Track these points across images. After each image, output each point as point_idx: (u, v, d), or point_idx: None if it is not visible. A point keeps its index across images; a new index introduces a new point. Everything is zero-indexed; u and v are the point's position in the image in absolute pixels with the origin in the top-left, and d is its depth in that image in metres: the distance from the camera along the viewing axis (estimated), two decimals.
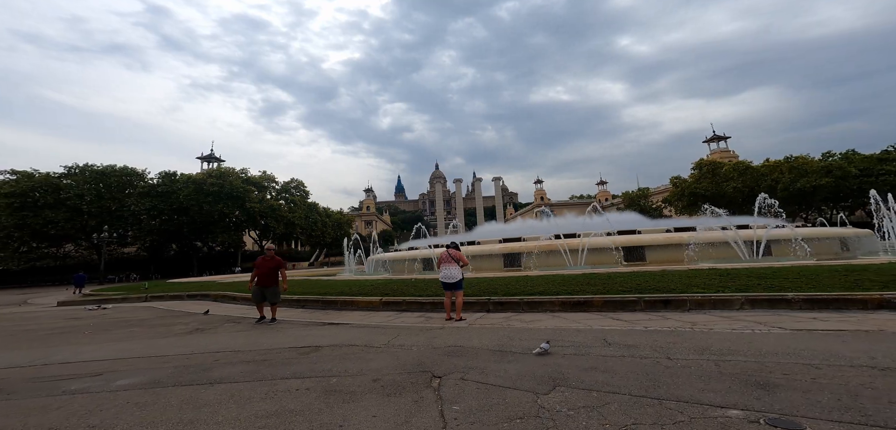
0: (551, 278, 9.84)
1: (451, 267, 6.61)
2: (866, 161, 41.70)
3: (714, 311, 6.40)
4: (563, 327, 5.62)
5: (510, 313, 7.12)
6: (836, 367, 3.22)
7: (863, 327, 4.72)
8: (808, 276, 7.33)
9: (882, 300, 5.70)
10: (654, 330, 5.04)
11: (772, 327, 4.97)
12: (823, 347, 3.83)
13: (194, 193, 34.74)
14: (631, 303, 6.97)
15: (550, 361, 3.80)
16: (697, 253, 14.51)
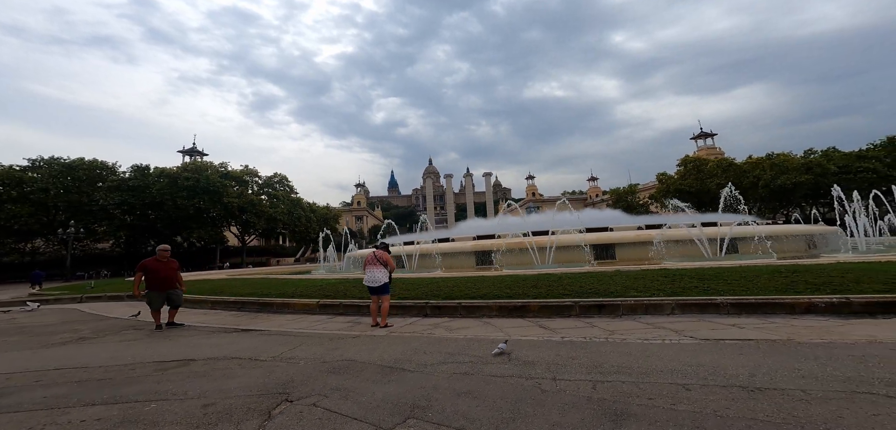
0: (504, 279, 9.54)
1: (376, 270, 6.25)
2: (845, 159, 42.29)
3: (645, 316, 6.18)
4: (481, 337, 5.30)
5: (444, 319, 6.81)
6: (709, 387, 2.95)
7: (775, 335, 4.50)
8: (749, 277, 7.13)
9: (810, 304, 5.51)
10: (567, 342, 4.75)
11: (685, 335, 4.72)
12: (713, 361, 3.57)
13: (168, 187, 33.78)
14: (566, 308, 6.72)
15: (430, 382, 3.47)
16: (664, 250, 14.38)
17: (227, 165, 45.02)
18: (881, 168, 39.60)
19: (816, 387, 2.86)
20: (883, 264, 7.54)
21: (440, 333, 5.64)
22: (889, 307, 5.19)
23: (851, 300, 5.33)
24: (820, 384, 2.93)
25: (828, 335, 4.39)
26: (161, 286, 6.96)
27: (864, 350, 3.74)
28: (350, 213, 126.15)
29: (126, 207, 33.21)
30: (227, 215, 38.20)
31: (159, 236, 35.60)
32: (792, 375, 3.14)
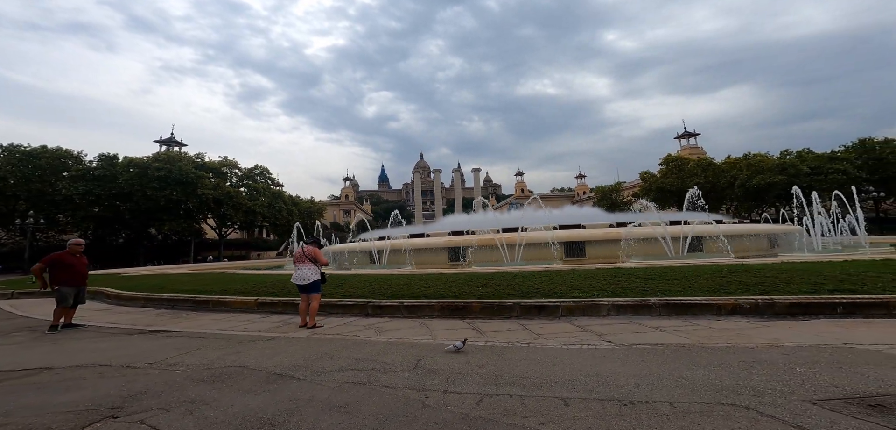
0: (456, 278, 9.35)
1: (305, 267, 5.95)
2: (818, 160, 43.53)
3: (581, 318, 6.07)
4: (406, 340, 5.06)
5: (383, 319, 6.57)
6: (588, 401, 2.78)
7: (688, 339, 4.40)
8: (690, 277, 7.10)
9: (736, 305, 5.47)
10: (488, 347, 4.56)
11: (605, 339, 4.59)
12: (612, 370, 3.42)
13: (137, 177, 32.42)
14: (508, 309, 6.56)
15: (308, 393, 3.20)
16: (630, 248, 14.45)
17: (203, 156, 43.60)
18: (851, 169, 40.94)
19: (686, 399, 2.73)
20: (822, 265, 7.62)
21: (367, 335, 5.39)
22: (809, 309, 5.19)
23: (775, 302, 5.31)
24: (692, 394, 2.80)
25: (736, 339, 4.32)
26: (74, 282, 6.52)
27: (757, 355, 3.66)
28: (338, 206, 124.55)
29: (91, 197, 31.79)
30: (201, 208, 37.02)
31: (128, 227, 34.34)
32: (673, 385, 3.00)
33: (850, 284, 5.63)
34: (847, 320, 5.01)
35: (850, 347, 3.90)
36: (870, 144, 43.47)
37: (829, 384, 2.91)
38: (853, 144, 45.17)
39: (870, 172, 42.75)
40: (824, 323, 4.91)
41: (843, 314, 5.09)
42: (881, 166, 41.77)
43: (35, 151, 31.75)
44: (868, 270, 6.49)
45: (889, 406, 2.53)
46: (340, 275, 10.96)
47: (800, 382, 2.98)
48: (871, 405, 2.56)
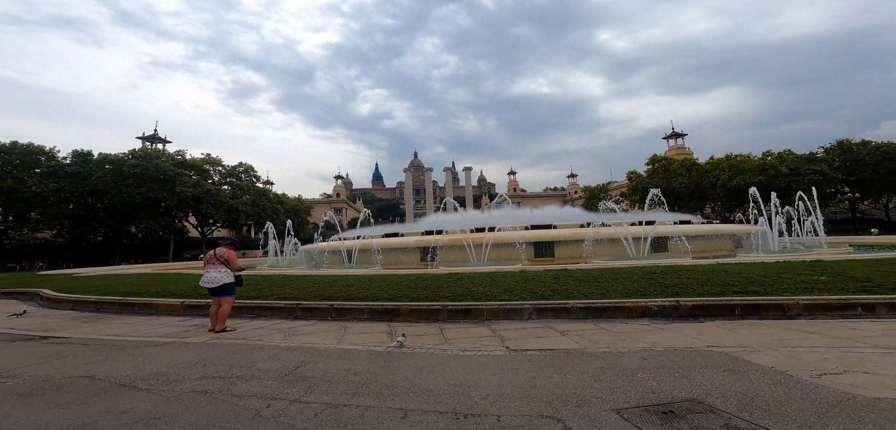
0: (397, 279, 9.25)
1: (214, 270, 5.79)
2: (797, 161, 44.26)
3: (503, 321, 6.01)
4: (309, 345, 4.88)
5: (310, 322, 6.42)
6: (428, 413, 2.70)
7: (578, 344, 4.36)
8: (620, 279, 7.11)
9: (646, 308, 5.47)
10: (384, 353, 4.48)
11: (505, 346, 4.53)
12: (480, 379, 3.34)
13: (112, 175, 31.75)
14: (435, 312, 6.47)
15: (125, 406, 2.93)
16: (593, 249, 14.50)
17: (184, 154, 42.93)
18: (828, 170, 41.71)
19: (517, 411, 2.66)
20: (757, 266, 7.70)
21: (273, 339, 5.26)
22: (710, 310, 5.20)
23: (680, 304, 5.32)
24: (526, 406, 2.74)
25: (620, 343, 4.30)
26: None
27: (618, 361, 3.64)
28: (329, 205, 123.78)
29: (64, 194, 31.06)
30: (181, 205, 36.42)
31: (104, 225, 33.66)
32: (519, 396, 2.93)
33: (758, 285, 5.66)
34: (739, 321, 5.04)
35: (710, 350, 3.90)
36: (847, 145, 44.31)
37: (648, 392, 2.89)
38: (831, 146, 46.02)
39: (847, 173, 43.64)
40: (715, 325, 4.93)
41: (741, 316, 5.12)
42: (858, 168, 42.62)
43: (5, 147, 30.87)
44: (788, 272, 6.54)
45: (678, 413, 2.52)
46: (289, 275, 10.81)
47: (626, 389, 2.95)
48: (664, 412, 2.54)
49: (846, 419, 2.34)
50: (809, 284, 5.65)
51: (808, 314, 5.00)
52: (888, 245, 16.01)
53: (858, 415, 2.39)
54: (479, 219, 20.99)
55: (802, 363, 3.38)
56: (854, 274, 5.94)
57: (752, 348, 3.86)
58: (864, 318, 4.84)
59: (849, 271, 6.19)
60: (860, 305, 4.86)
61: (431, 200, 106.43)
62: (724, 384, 2.98)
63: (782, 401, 2.63)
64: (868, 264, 7.04)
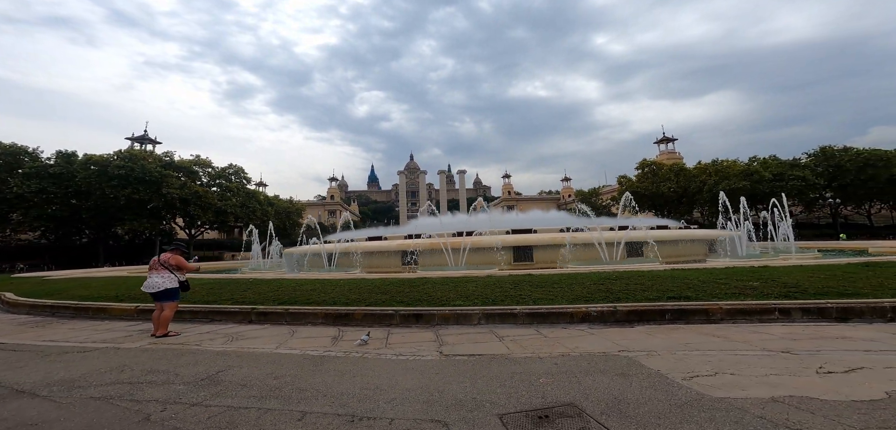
0: (361, 283, 9.32)
1: (156, 275, 5.81)
2: (780, 166, 45.05)
3: (453, 326, 6.14)
4: (243, 350, 4.85)
5: (263, 326, 6.46)
6: (325, 416, 2.79)
7: (506, 350, 4.47)
8: (577, 285, 7.28)
9: (586, 313, 5.64)
10: (314, 356, 4.57)
11: (439, 351, 4.64)
12: (394, 384, 3.45)
13: (96, 176, 31.41)
14: (388, 317, 6.58)
15: (7, 413, 3.00)
16: (569, 254, 14.71)
17: (172, 155, 42.59)
18: (810, 176, 42.51)
19: (411, 415, 2.78)
20: (706, 271, 7.91)
21: (215, 344, 5.26)
22: (643, 315, 5.38)
23: (617, 309, 5.49)
24: (423, 410, 2.85)
25: (546, 348, 4.43)
26: None
27: (531, 366, 3.77)
28: (323, 207, 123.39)
29: (45, 195, 30.68)
30: (167, 207, 36.11)
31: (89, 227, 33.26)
32: (422, 400, 3.05)
33: (693, 291, 5.86)
34: (668, 325, 5.22)
35: (618, 354, 4.06)
36: (830, 151, 45.19)
37: (537, 397, 3.03)
38: (815, 152, 46.91)
39: (829, 179, 44.50)
40: (641, 330, 5.11)
41: (671, 320, 5.31)
42: (840, 174, 43.47)
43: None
44: (729, 277, 6.75)
45: (551, 417, 2.67)
46: (257, 279, 10.83)
47: (520, 394, 3.08)
48: (539, 416, 2.68)
49: (679, 417, 2.53)
50: (741, 289, 5.86)
51: (730, 319, 5.19)
52: (850, 250, 16.42)
53: (692, 414, 2.58)
54: (459, 223, 21.12)
55: (685, 366, 3.55)
56: (786, 280, 6.17)
57: (655, 353, 4.03)
58: (778, 322, 5.05)
59: (783, 277, 6.42)
60: (777, 309, 5.07)
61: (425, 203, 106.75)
62: (606, 388, 3.13)
63: (641, 403, 2.79)
64: (806, 270, 7.29)
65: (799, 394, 2.82)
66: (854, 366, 3.40)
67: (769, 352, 3.92)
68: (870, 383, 3.02)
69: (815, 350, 3.95)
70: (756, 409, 2.61)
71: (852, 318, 5.02)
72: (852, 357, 3.68)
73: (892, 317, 4.99)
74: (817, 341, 4.28)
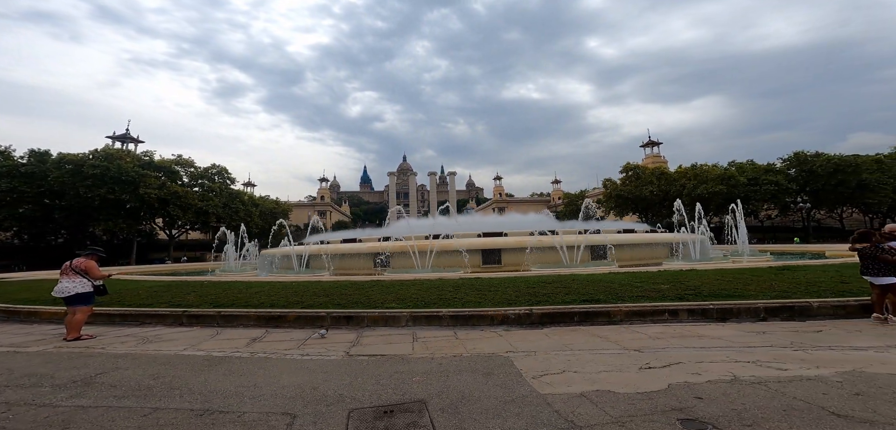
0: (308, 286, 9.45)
1: (67, 280, 5.85)
2: (755, 171, 46.36)
3: (382, 328, 6.34)
4: (150, 353, 4.85)
5: (192, 328, 6.51)
6: (178, 411, 2.98)
7: (408, 351, 4.71)
8: (510, 288, 7.57)
9: (505, 316, 5.94)
10: (222, 357, 4.71)
11: (347, 351, 4.86)
12: (279, 382, 3.63)
13: (70, 175, 30.88)
14: (319, 319, 6.74)
15: None
16: (536, 257, 15.06)
17: (152, 154, 42.02)
18: (783, 181, 43.84)
19: (264, 409, 3.00)
20: (633, 276, 8.29)
21: (121, 348, 5.26)
22: (555, 318, 5.72)
23: (533, 312, 5.84)
24: (281, 405, 3.04)
25: (447, 350, 4.71)
26: None
27: (417, 366, 3.99)
28: (313, 207, 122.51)
29: (16, 195, 30.03)
30: (145, 207, 35.63)
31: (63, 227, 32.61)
32: (292, 396, 3.26)
33: (605, 294, 6.20)
34: (576, 327, 5.55)
35: (501, 355, 4.33)
36: (803, 157, 46.63)
37: (398, 394, 3.26)
38: (789, 157, 48.39)
39: (803, 184, 45.97)
40: (545, 331, 5.42)
41: (578, 322, 5.62)
42: (813, 178, 44.93)
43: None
44: (648, 281, 7.12)
45: (396, 412, 2.91)
46: (206, 282, 10.88)
47: (382, 391, 3.32)
48: (385, 411, 2.92)
49: (499, 412, 2.80)
50: (652, 292, 6.20)
51: (628, 320, 5.52)
52: (803, 252, 17.07)
53: (511, 409, 2.86)
54: (429, 226, 21.34)
55: (544, 366, 3.84)
56: (693, 283, 6.55)
57: (534, 353, 4.32)
58: (668, 322, 5.40)
59: (692, 281, 6.81)
60: (667, 310, 5.42)
61: (415, 204, 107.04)
62: (462, 386, 3.38)
63: (480, 399, 3.05)
64: (723, 273, 7.71)
65: (604, 388, 3.12)
66: (673, 362, 3.73)
67: (624, 351, 4.24)
68: (669, 376, 3.36)
69: (662, 348, 4.29)
70: (559, 403, 2.89)
71: (730, 318, 5.39)
72: (685, 354, 4.03)
73: (765, 317, 5.37)
74: (675, 339, 4.64)
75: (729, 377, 3.23)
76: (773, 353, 4.00)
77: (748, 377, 3.23)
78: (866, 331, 4.79)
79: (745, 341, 4.50)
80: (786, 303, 5.45)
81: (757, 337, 4.66)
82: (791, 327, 5.02)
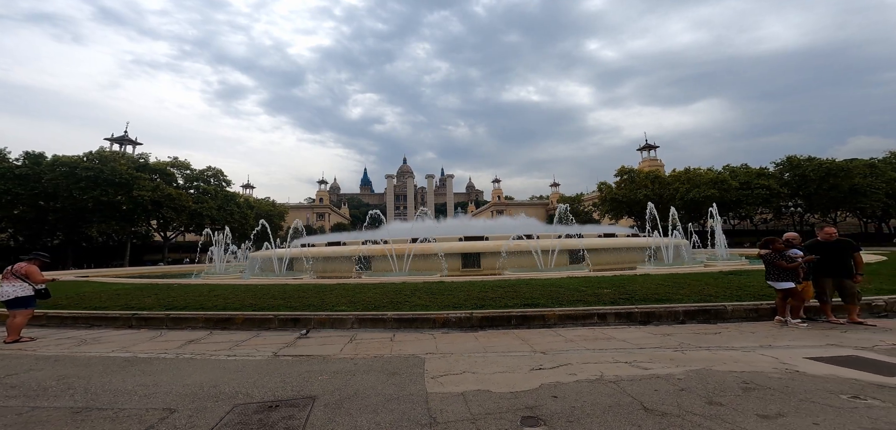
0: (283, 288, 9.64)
1: (7, 284, 5.97)
2: (747, 175, 46.38)
3: (330, 330, 6.50)
4: (81, 355, 5.00)
5: (140, 331, 6.69)
6: (52, 409, 3.15)
7: (338, 353, 4.84)
8: (461, 292, 7.72)
9: (446, 319, 6.10)
10: (143, 359, 4.84)
11: (274, 351, 5.03)
12: (176, 379, 3.79)
13: (64, 177, 31.28)
14: (267, 321, 6.88)
15: None
16: (510, 260, 15.22)
17: (147, 156, 42.43)
18: (774, 185, 43.85)
19: (140, 405, 3.14)
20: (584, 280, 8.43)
21: (54, 350, 5.36)
22: (494, 321, 5.89)
23: (473, 316, 6.05)
24: (162, 400, 3.20)
25: (373, 350, 4.91)
26: None
27: (328, 366, 4.08)
28: (311, 209, 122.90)
29: (9, 197, 30.43)
30: (137, 209, 35.98)
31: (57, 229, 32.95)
32: (171, 393, 3.41)
33: (545, 299, 6.37)
34: (512, 330, 5.73)
35: (417, 356, 4.49)
36: (795, 161, 46.65)
37: (292, 390, 3.42)
38: (782, 161, 48.45)
39: (795, 188, 46.00)
40: (479, 334, 5.59)
41: (515, 326, 5.78)
42: (805, 183, 44.94)
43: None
44: (592, 285, 7.28)
45: (281, 406, 3.06)
46: (173, 285, 11.02)
47: (280, 388, 3.49)
48: (269, 406, 3.07)
49: (375, 408, 2.94)
50: (589, 297, 6.37)
51: (561, 323, 5.68)
52: None
53: (388, 405, 3.01)
54: (407, 229, 21.53)
55: (450, 367, 3.99)
56: (633, 288, 6.71)
57: (450, 355, 4.47)
58: (596, 325, 5.56)
59: (633, 286, 6.96)
60: (597, 314, 5.58)
61: (412, 207, 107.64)
62: (363, 384, 3.54)
63: (369, 396, 3.20)
64: (672, 278, 7.85)
65: (485, 388, 3.27)
66: (564, 363, 3.89)
67: (533, 353, 4.39)
68: (548, 377, 3.53)
69: (567, 350, 4.46)
70: (436, 401, 3.04)
71: (652, 321, 5.55)
72: (580, 355, 4.21)
73: (683, 319, 5.53)
74: (586, 342, 4.82)
75: (596, 377, 3.40)
76: (656, 353, 4.18)
77: (611, 376, 3.41)
78: (759, 333, 5.00)
79: (644, 343, 4.68)
80: (703, 307, 5.61)
81: (659, 338, 4.84)
82: (697, 330, 5.21)
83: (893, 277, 8.15)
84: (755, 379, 3.26)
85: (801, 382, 3.20)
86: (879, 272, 8.83)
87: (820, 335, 4.89)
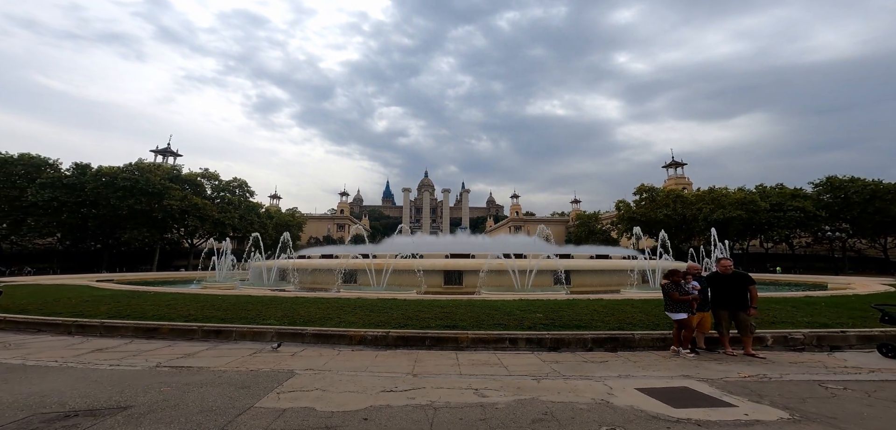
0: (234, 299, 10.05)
1: None
2: (780, 196, 42.90)
3: (250, 342, 6.71)
4: None
5: (77, 337, 7.09)
6: None
7: (224, 365, 5.02)
8: (398, 310, 7.81)
9: (363, 337, 6.29)
10: (31, 366, 5.30)
11: (148, 364, 5.35)
12: (48, 387, 4.18)
13: (104, 187, 34.73)
14: (190, 331, 7.14)
15: None
16: (489, 279, 15.03)
17: (180, 168, 46.07)
18: (810, 207, 40.16)
19: None
20: (533, 303, 8.19)
21: None
22: (409, 342, 5.94)
23: (389, 335, 6.11)
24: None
25: (271, 364, 5.07)
26: None
27: (194, 377, 4.26)
28: (332, 220, 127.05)
29: (56, 204, 34.13)
30: (167, 217, 39.02)
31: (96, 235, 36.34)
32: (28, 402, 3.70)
33: (468, 321, 6.37)
34: (427, 351, 5.75)
35: (300, 372, 4.55)
36: (836, 182, 42.65)
37: (107, 400, 3.62)
38: (821, 182, 44.41)
39: (838, 210, 41.86)
40: (389, 354, 5.66)
41: (430, 347, 5.79)
42: (848, 206, 40.86)
43: (12, 158, 34.48)
44: (528, 309, 7.14)
45: (80, 415, 3.26)
46: (137, 292, 11.78)
47: (96, 397, 3.68)
48: (66, 415, 3.27)
49: (188, 416, 3.11)
50: (511, 322, 6.27)
51: (473, 347, 5.61)
52: (769, 282, 15.75)
53: (209, 416, 3.17)
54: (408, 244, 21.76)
55: (310, 383, 4.11)
56: (564, 314, 6.57)
57: (326, 372, 4.59)
58: (506, 350, 5.54)
59: (566, 311, 6.76)
60: (508, 339, 5.48)
61: (428, 220, 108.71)
62: (198, 396, 3.71)
63: (189, 405, 3.39)
64: (611, 305, 7.52)
65: (313, 407, 3.39)
66: (416, 387, 3.92)
67: (399, 375, 4.42)
68: (385, 400, 3.55)
69: (438, 374, 4.46)
70: (255, 415, 3.19)
71: (562, 347, 5.36)
72: (437, 380, 4.18)
73: (591, 347, 5.31)
74: (473, 367, 4.76)
75: (427, 403, 3.43)
76: (517, 381, 4.10)
77: (443, 402, 3.44)
78: (642, 363, 4.90)
79: (524, 371, 4.58)
80: (613, 335, 5.36)
81: (546, 366, 4.73)
82: (591, 358, 5.04)
83: (831, 309, 7.46)
84: (558, 411, 3.23)
85: (598, 413, 3.13)
86: (816, 304, 8.18)
87: (687, 366, 4.82)
